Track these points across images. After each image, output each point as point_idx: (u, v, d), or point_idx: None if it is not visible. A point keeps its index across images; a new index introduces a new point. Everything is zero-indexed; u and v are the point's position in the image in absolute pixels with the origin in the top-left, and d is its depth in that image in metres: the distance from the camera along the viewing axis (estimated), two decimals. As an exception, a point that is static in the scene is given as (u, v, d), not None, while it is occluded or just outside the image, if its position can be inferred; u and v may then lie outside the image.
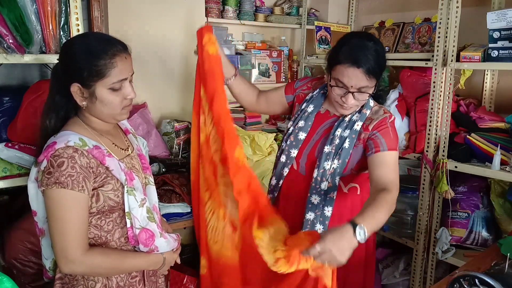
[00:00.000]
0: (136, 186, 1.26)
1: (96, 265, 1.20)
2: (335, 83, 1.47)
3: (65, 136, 1.17)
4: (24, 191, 1.94)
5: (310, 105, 1.63)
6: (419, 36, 2.64)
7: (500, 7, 2.25)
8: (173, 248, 1.37)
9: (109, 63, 1.16)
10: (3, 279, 0.91)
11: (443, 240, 2.13)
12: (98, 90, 1.17)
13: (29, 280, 1.70)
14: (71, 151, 1.14)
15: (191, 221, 2.00)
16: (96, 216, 1.23)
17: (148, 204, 1.29)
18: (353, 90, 1.45)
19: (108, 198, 1.22)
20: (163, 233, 1.32)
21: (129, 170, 1.26)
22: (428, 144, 2.19)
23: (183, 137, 2.39)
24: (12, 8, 1.47)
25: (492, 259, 1.51)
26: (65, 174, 1.12)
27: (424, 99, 2.25)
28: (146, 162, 1.41)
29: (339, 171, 1.53)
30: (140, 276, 1.33)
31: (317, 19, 3.16)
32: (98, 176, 1.19)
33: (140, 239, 1.25)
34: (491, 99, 2.38)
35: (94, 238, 1.24)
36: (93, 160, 1.18)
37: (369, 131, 1.52)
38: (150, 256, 1.30)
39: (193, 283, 2.04)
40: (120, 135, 1.38)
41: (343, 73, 1.43)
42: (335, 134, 1.54)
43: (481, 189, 2.20)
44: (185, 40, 2.55)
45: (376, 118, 1.54)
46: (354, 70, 1.42)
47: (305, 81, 1.73)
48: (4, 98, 1.73)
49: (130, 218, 1.23)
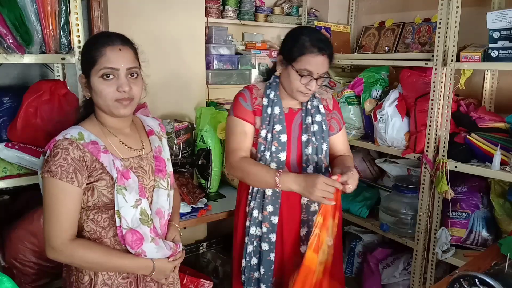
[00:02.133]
0: (130, 186, 1.25)
1: (77, 257, 1.21)
2: (301, 73, 1.55)
3: (69, 129, 1.24)
4: (24, 191, 1.96)
5: (274, 107, 1.64)
6: (419, 36, 2.64)
7: (500, 7, 2.25)
8: (166, 256, 1.33)
9: (98, 51, 1.22)
10: (3, 279, 0.91)
11: (443, 240, 2.13)
12: (92, 78, 1.23)
13: (29, 280, 1.70)
14: (66, 143, 1.20)
15: (191, 221, 2.00)
16: (93, 210, 1.25)
17: (144, 206, 1.27)
18: (317, 77, 1.56)
19: (101, 194, 1.23)
20: (156, 238, 1.29)
21: (126, 169, 1.26)
22: (428, 144, 2.19)
23: (183, 137, 2.39)
24: (12, 8, 1.47)
25: (492, 259, 1.51)
26: (56, 164, 1.18)
27: (424, 99, 2.25)
28: (162, 165, 1.39)
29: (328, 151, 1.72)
30: (133, 279, 1.31)
31: (317, 19, 3.16)
32: (94, 171, 1.22)
33: (126, 240, 1.24)
34: (491, 99, 2.38)
35: (89, 232, 1.26)
36: (88, 154, 1.21)
37: (331, 111, 1.75)
38: (138, 259, 1.27)
39: (193, 283, 2.04)
40: (137, 135, 1.38)
41: (311, 62, 1.54)
42: (307, 123, 1.67)
43: (481, 189, 2.20)
44: (185, 40, 2.55)
45: (328, 97, 1.77)
46: (320, 57, 1.54)
47: (247, 97, 1.68)
48: (4, 98, 1.73)
49: (120, 217, 1.23)
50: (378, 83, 2.56)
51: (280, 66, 1.64)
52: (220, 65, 2.80)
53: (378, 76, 2.57)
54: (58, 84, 1.74)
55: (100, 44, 1.23)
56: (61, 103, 1.69)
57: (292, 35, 1.62)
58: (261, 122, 1.65)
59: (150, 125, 1.46)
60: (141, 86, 1.30)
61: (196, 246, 2.62)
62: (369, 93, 2.54)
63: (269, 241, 1.65)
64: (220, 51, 2.82)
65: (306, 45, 1.54)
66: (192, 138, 2.44)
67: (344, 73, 3.10)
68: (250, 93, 1.69)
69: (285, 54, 1.61)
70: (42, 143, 1.66)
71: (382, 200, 2.55)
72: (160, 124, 1.51)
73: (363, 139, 2.61)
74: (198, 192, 2.22)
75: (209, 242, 2.68)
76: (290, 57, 1.58)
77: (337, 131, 1.77)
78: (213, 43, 2.77)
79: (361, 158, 2.82)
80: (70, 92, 1.75)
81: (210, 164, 2.15)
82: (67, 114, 1.64)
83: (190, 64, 2.62)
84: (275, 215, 1.64)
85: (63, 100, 1.70)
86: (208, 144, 2.28)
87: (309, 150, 1.65)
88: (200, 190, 2.24)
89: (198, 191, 2.22)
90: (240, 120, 1.66)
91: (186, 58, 2.57)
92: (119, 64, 1.23)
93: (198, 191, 2.22)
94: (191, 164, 2.22)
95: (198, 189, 2.25)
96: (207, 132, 2.30)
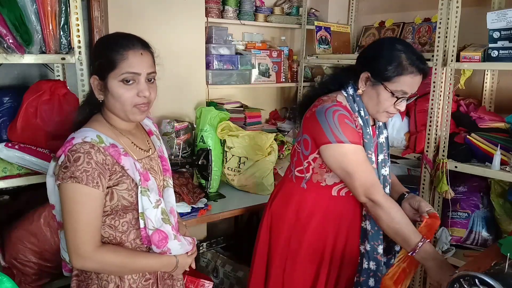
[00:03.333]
0: (151, 187, 1.25)
1: (107, 262, 1.20)
2: (397, 95, 1.40)
3: (84, 132, 1.19)
4: (24, 191, 1.96)
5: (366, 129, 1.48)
6: (419, 36, 2.64)
7: (500, 7, 2.25)
8: (187, 251, 1.36)
9: (120, 54, 1.18)
10: (3, 279, 0.91)
11: (443, 240, 2.13)
12: (110, 82, 1.20)
13: (29, 280, 1.70)
14: (87, 146, 1.15)
15: (191, 221, 2.00)
16: (110, 216, 1.23)
17: (163, 206, 1.29)
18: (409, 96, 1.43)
19: (122, 198, 1.22)
20: (177, 235, 1.31)
21: (145, 171, 1.26)
22: (428, 144, 2.19)
23: (183, 137, 2.39)
24: (12, 8, 1.47)
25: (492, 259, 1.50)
26: (80, 169, 1.13)
27: (424, 99, 2.25)
28: (167, 164, 1.40)
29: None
30: (154, 279, 1.32)
31: (317, 19, 3.16)
32: (113, 174, 1.20)
33: (153, 240, 1.25)
34: (491, 99, 2.38)
35: (108, 238, 1.24)
36: (109, 157, 1.18)
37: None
38: (162, 257, 1.29)
39: (193, 283, 2.03)
40: (142, 136, 1.38)
41: (410, 83, 1.40)
42: (380, 142, 1.56)
43: (481, 189, 2.20)
44: (185, 40, 2.55)
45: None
46: (419, 78, 1.41)
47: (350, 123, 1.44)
48: (4, 98, 1.73)
49: (144, 219, 1.23)
50: (378, 83, 2.56)
51: (365, 83, 1.45)
52: (220, 65, 2.80)
53: (378, 76, 2.56)
54: (58, 84, 1.74)
55: (120, 47, 1.19)
56: (61, 103, 1.69)
57: (384, 50, 1.42)
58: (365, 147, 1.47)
59: (148, 124, 1.46)
60: (156, 90, 1.28)
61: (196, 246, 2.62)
62: (369, 93, 2.54)
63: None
64: (220, 51, 2.82)
65: (404, 65, 1.37)
66: (192, 138, 2.44)
67: (344, 73, 3.10)
68: (347, 112, 1.45)
69: (376, 71, 1.41)
70: (42, 143, 1.67)
71: (382, 200, 2.55)
72: (154, 123, 1.50)
73: (363, 139, 2.61)
74: (198, 192, 2.22)
75: (209, 242, 2.68)
76: (382, 75, 1.40)
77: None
78: (213, 43, 2.77)
79: (361, 158, 2.82)
80: (70, 92, 1.75)
81: (210, 164, 2.15)
82: (67, 114, 1.64)
83: (190, 64, 2.62)
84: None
85: (63, 100, 1.69)
86: (208, 144, 2.28)
87: (386, 171, 1.53)
88: (200, 190, 2.25)
89: (198, 191, 2.23)
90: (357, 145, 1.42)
91: (186, 58, 2.57)
92: (141, 69, 1.20)
93: (198, 191, 2.23)
94: (191, 164, 2.22)
95: (198, 189, 2.25)
96: (207, 132, 2.31)
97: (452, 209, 2.19)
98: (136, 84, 1.20)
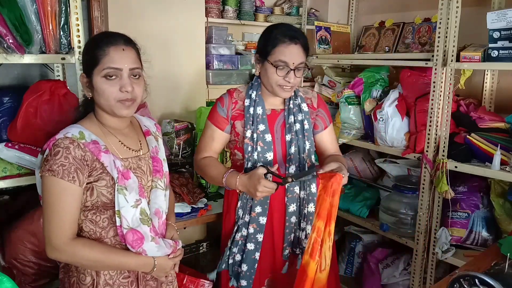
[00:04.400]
0: (130, 186, 1.25)
1: (80, 255, 1.21)
2: (276, 65, 1.56)
3: (68, 128, 1.24)
4: (24, 191, 1.96)
5: (256, 107, 1.64)
6: (419, 36, 2.64)
7: (500, 7, 2.25)
8: (166, 254, 1.34)
9: (102, 50, 1.22)
10: (3, 279, 0.91)
11: (443, 240, 2.13)
12: (94, 78, 1.24)
13: (29, 280, 1.70)
14: (67, 142, 1.19)
15: (191, 221, 2.00)
16: (92, 211, 1.25)
17: (144, 206, 1.28)
18: (293, 67, 1.56)
19: (101, 194, 1.23)
20: (156, 237, 1.30)
21: (126, 170, 1.26)
22: (428, 144, 2.19)
23: (183, 137, 2.39)
24: (12, 8, 1.47)
25: (492, 259, 1.51)
26: (57, 163, 1.17)
27: (424, 99, 2.25)
28: (159, 166, 1.40)
29: (312, 150, 1.70)
30: (133, 278, 1.32)
31: (317, 19, 3.16)
32: (94, 171, 1.22)
33: (127, 240, 1.25)
34: (491, 99, 2.38)
35: (88, 232, 1.26)
36: (89, 153, 1.21)
37: (315, 109, 1.75)
38: (139, 257, 1.28)
39: (193, 283, 2.04)
40: (135, 135, 1.39)
41: (284, 52, 1.55)
42: (289, 122, 1.66)
43: (481, 189, 2.20)
44: (185, 40, 2.55)
45: (312, 95, 1.78)
46: (293, 47, 1.56)
47: (225, 103, 1.68)
48: (4, 98, 1.73)
49: (120, 217, 1.24)
50: (378, 83, 2.56)
51: (258, 65, 1.65)
52: (220, 65, 2.80)
53: (378, 76, 2.57)
54: (58, 84, 1.74)
55: (103, 44, 1.22)
56: (61, 103, 1.69)
57: (264, 32, 1.64)
58: (245, 124, 1.64)
59: (147, 125, 1.46)
60: (143, 87, 1.31)
61: (196, 246, 2.61)
62: (369, 93, 2.54)
63: (255, 241, 1.65)
64: (220, 51, 2.82)
65: (277, 37, 1.56)
66: (192, 138, 2.44)
67: (344, 73, 3.10)
68: (229, 97, 1.69)
69: (260, 51, 1.63)
70: (42, 143, 1.65)
71: (382, 200, 2.55)
72: (156, 124, 1.51)
73: (363, 139, 2.61)
74: (198, 192, 2.21)
75: (209, 242, 2.68)
76: (264, 52, 1.59)
77: (322, 129, 1.76)
78: (213, 43, 2.77)
79: (361, 158, 2.82)
80: (70, 92, 1.75)
81: (210, 164, 2.15)
82: (67, 114, 1.64)
83: (190, 64, 2.62)
84: (263, 216, 1.64)
85: (63, 100, 1.69)
86: (208, 144, 2.28)
87: (292, 150, 1.64)
88: (200, 190, 2.24)
89: (198, 191, 2.22)
90: (211, 124, 1.68)
91: (186, 58, 2.57)
92: (123, 64, 1.23)
93: (198, 191, 2.22)
94: (191, 164, 2.22)
95: (198, 189, 2.25)
96: (207, 132, 2.30)
97: (452, 209, 2.19)
98: (118, 79, 1.23)
